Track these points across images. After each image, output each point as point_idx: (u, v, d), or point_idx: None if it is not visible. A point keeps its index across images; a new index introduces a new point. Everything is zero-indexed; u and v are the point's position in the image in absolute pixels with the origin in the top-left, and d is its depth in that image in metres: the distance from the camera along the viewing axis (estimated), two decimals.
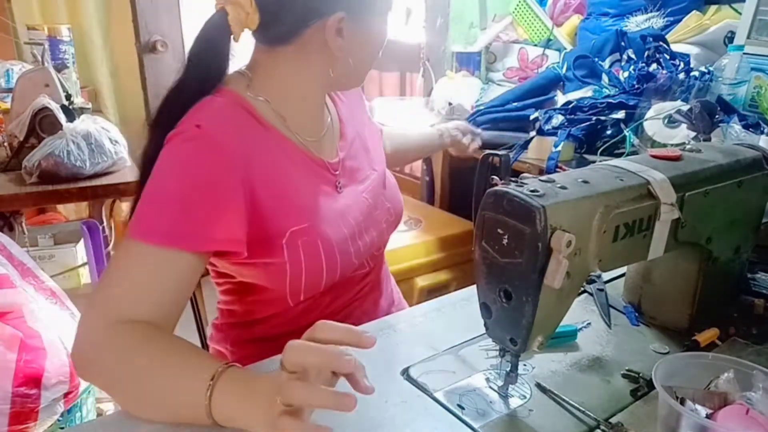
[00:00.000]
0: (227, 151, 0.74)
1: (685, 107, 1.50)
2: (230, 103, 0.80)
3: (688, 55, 1.89)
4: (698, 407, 0.56)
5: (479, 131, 1.54)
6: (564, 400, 0.64)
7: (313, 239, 0.82)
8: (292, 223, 0.81)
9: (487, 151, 0.86)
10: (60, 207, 2.64)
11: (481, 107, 2.08)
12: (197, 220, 0.71)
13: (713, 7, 2.04)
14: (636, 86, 1.77)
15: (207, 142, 0.73)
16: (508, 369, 0.64)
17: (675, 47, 1.94)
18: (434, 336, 0.78)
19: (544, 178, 0.60)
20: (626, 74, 1.87)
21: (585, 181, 0.60)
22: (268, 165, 0.79)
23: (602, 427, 0.60)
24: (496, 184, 0.58)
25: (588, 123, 1.69)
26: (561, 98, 2.04)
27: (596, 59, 2.05)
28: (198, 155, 0.73)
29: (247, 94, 0.82)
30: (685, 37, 2.01)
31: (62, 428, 1.46)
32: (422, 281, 1.86)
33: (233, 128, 0.77)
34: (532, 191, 0.55)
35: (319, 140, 0.90)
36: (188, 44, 0.99)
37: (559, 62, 2.32)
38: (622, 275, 0.89)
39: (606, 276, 0.91)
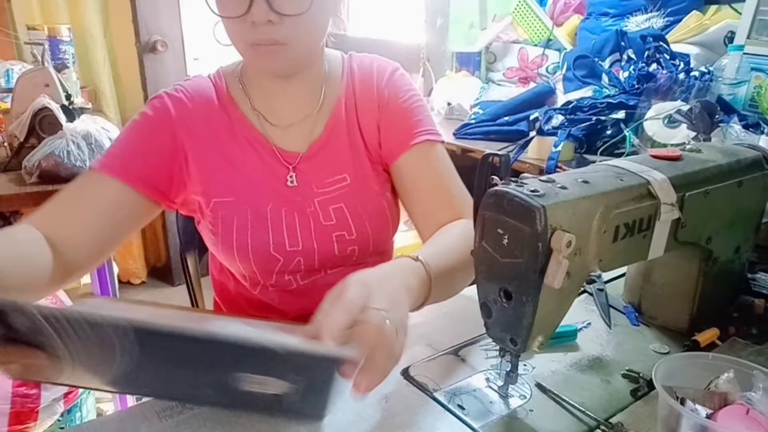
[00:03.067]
0: (171, 116, 0.86)
1: (685, 107, 1.50)
2: (209, 81, 0.91)
3: (688, 55, 1.89)
4: (698, 407, 0.56)
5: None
6: (564, 400, 0.64)
7: (230, 216, 0.86)
8: (218, 194, 0.87)
9: (488, 151, 0.86)
10: None
11: (473, 119, 2.07)
12: (127, 156, 0.84)
13: (713, 7, 2.04)
14: (636, 86, 1.77)
15: (159, 106, 0.87)
16: (508, 369, 0.64)
17: (675, 47, 1.94)
18: (434, 336, 0.78)
19: (544, 178, 0.60)
20: (626, 74, 1.88)
21: (585, 181, 0.60)
22: (210, 136, 0.87)
23: (602, 427, 0.60)
24: (496, 184, 0.58)
25: (588, 123, 1.69)
26: (561, 98, 2.04)
27: (596, 59, 2.05)
28: (148, 114, 0.87)
29: (230, 75, 0.91)
30: (685, 37, 2.02)
31: (62, 428, 1.46)
32: None
33: (190, 100, 0.87)
34: (532, 191, 0.55)
35: (286, 128, 0.89)
36: (188, 44, 0.99)
37: (559, 62, 2.32)
38: (622, 275, 0.89)
39: (606, 276, 0.91)
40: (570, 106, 1.80)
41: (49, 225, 0.76)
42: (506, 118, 1.97)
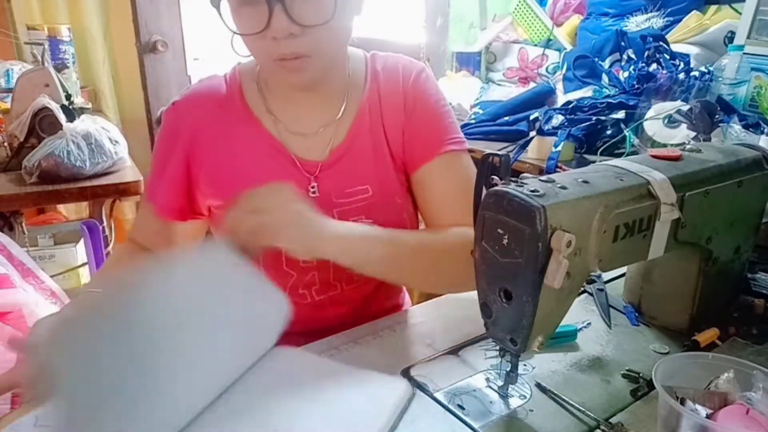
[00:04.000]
0: (183, 126, 0.85)
1: (685, 107, 1.50)
2: (223, 83, 0.88)
3: (688, 55, 1.89)
4: (698, 407, 0.56)
5: None
6: (564, 400, 0.64)
7: None
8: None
9: (488, 151, 0.86)
10: (60, 207, 2.63)
11: (473, 119, 2.07)
12: (156, 184, 0.89)
13: (713, 7, 2.05)
14: (636, 86, 1.77)
15: (172, 117, 0.87)
16: (508, 369, 0.64)
17: (675, 47, 1.94)
18: (434, 336, 0.78)
19: (544, 178, 0.60)
20: (626, 74, 1.88)
21: (585, 181, 0.60)
22: (224, 147, 0.84)
23: (602, 427, 0.60)
24: (496, 184, 0.58)
25: (588, 123, 1.69)
26: (561, 98, 2.04)
27: (596, 59, 2.05)
28: (164, 129, 0.88)
29: (247, 77, 0.88)
30: (685, 37, 2.02)
31: None
32: None
33: (201, 106, 0.86)
34: (532, 191, 0.55)
35: (306, 136, 0.85)
36: (188, 44, 0.99)
37: (559, 62, 2.32)
38: (622, 275, 0.89)
39: (606, 276, 0.91)
40: (570, 106, 1.80)
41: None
42: (506, 118, 1.97)
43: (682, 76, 1.74)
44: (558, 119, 1.74)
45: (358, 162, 0.85)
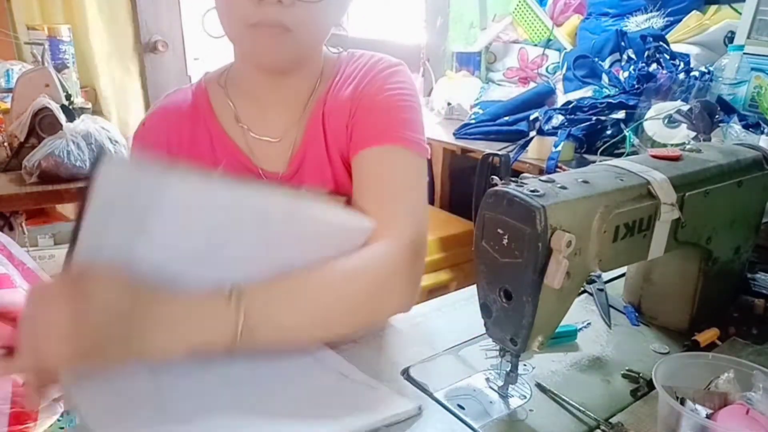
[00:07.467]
0: (154, 142, 0.85)
1: (685, 107, 1.51)
2: (189, 94, 0.87)
3: (688, 55, 1.89)
4: (698, 407, 0.56)
5: None
6: (564, 400, 0.64)
7: None
8: None
9: (488, 151, 0.85)
10: (60, 207, 2.63)
11: (473, 119, 2.07)
12: None
13: (713, 7, 2.05)
14: (636, 86, 1.77)
15: (143, 135, 0.87)
16: (508, 369, 0.64)
17: (675, 47, 1.94)
18: (434, 336, 0.78)
19: (544, 178, 0.60)
20: (626, 74, 1.88)
21: (585, 181, 0.60)
22: (192, 161, 0.84)
23: (602, 427, 0.60)
24: (496, 184, 0.58)
25: (588, 123, 1.69)
26: (561, 98, 2.04)
27: (596, 59, 2.05)
28: (135, 148, 0.90)
29: (214, 84, 0.86)
30: (685, 37, 2.02)
31: (62, 428, 1.45)
32: (422, 281, 1.86)
33: (168, 120, 0.86)
34: (532, 191, 0.55)
35: (271, 144, 0.83)
36: (189, 44, 0.99)
37: (559, 62, 2.32)
38: (622, 275, 0.89)
39: (606, 276, 0.91)
40: (570, 106, 1.80)
41: None
42: (506, 118, 1.97)
43: (682, 76, 1.74)
44: (558, 119, 1.74)
45: (314, 168, 0.82)
